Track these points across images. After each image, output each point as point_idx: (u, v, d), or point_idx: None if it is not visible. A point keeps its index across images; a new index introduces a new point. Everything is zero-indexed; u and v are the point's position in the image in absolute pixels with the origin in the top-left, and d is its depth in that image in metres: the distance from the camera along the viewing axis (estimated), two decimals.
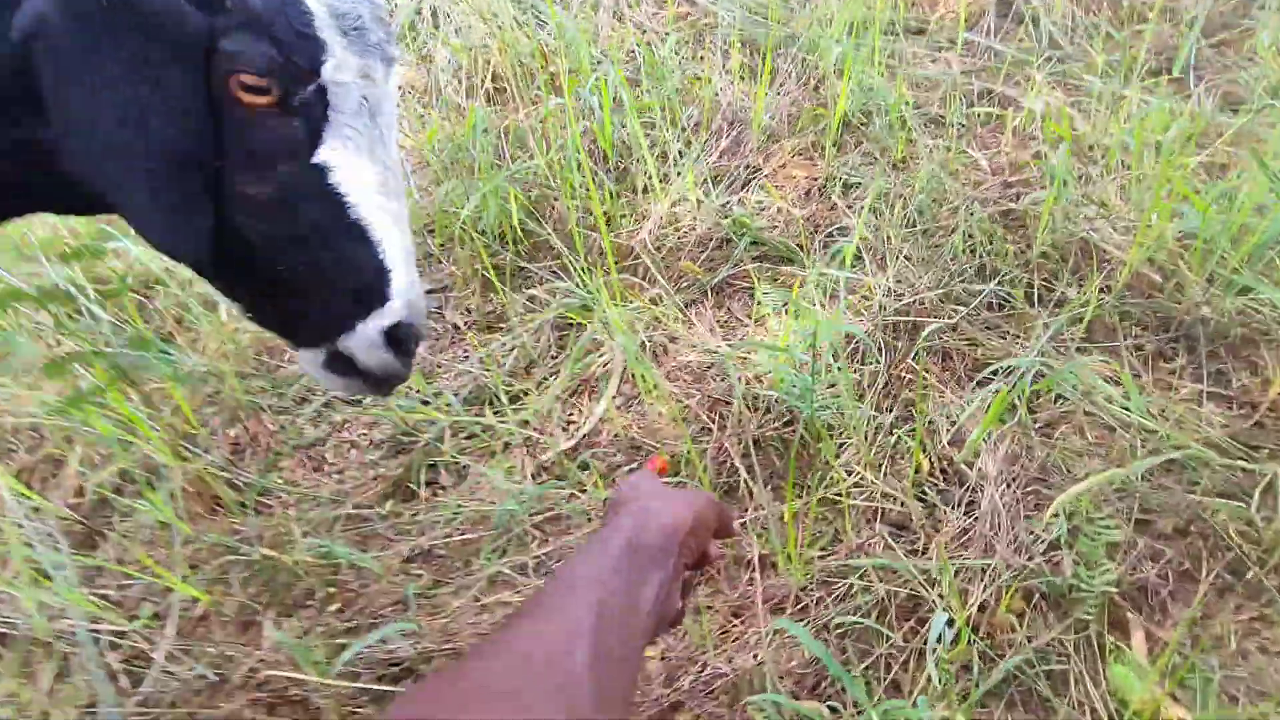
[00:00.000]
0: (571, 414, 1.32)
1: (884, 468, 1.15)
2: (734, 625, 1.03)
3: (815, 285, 1.36)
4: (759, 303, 1.39)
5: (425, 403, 1.36)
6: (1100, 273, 1.31)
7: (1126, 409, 1.15)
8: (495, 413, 1.33)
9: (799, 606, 1.03)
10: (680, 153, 1.65)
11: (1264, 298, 1.21)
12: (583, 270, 1.42)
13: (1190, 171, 1.40)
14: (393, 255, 0.60)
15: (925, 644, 0.95)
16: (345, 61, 0.58)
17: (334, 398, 1.43)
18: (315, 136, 0.57)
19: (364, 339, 0.63)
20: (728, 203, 1.59)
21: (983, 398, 1.19)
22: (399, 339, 0.64)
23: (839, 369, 1.21)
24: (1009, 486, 1.09)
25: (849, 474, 1.13)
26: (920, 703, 0.86)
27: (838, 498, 1.11)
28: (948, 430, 1.18)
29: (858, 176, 1.58)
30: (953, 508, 1.09)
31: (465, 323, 1.52)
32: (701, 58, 1.92)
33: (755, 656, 0.98)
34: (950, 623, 0.93)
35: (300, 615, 1.12)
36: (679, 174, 1.61)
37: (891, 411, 1.21)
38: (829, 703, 0.92)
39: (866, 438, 1.17)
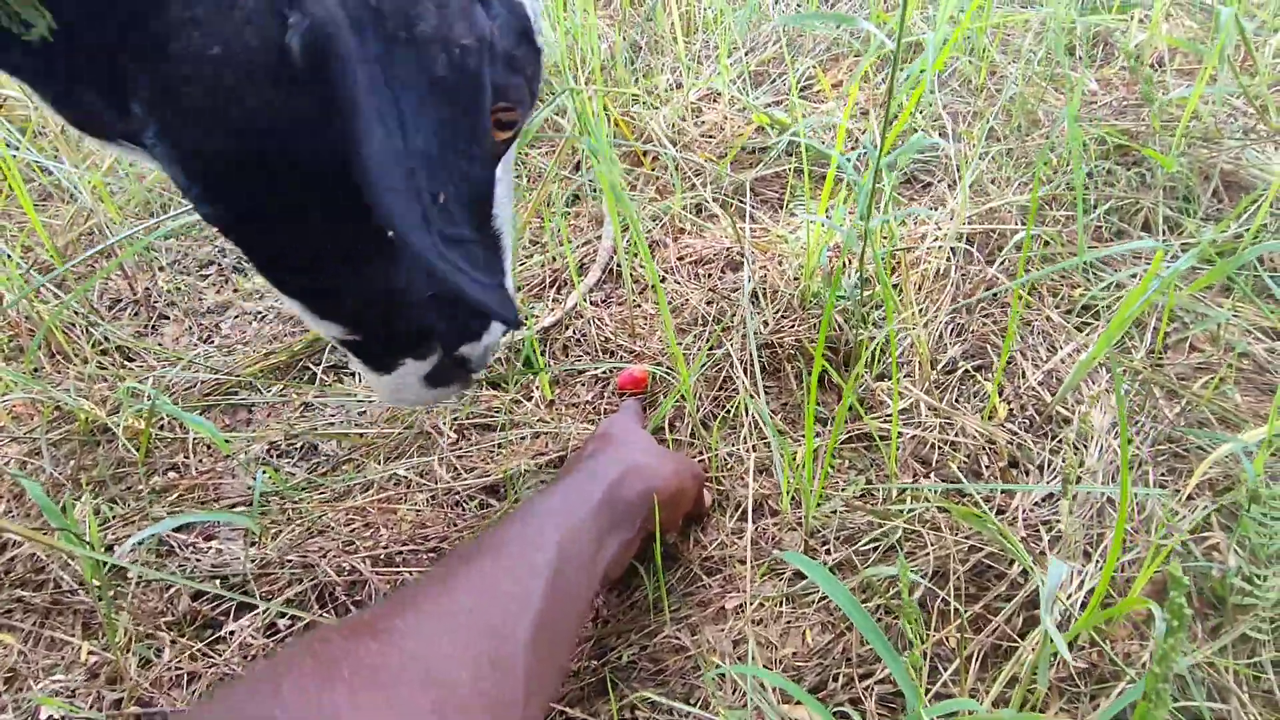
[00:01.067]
0: (538, 306, 1.01)
1: (944, 402, 0.82)
2: (702, 588, 0.70)
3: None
4: (790, 209, 1.08)
5: None
6: (1252, 204, 0.98)
7: None
8: None
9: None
10: (716, 50, 1.36)
11: None
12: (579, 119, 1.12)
13: None
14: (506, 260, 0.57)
15: (1002, 628, 0.62)
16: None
17: (243, 260, 1.14)
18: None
19: (494, 335, 0.61)
20: (770, 104, 1.30)
21: (1085, 338, 0.87)
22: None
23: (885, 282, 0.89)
24: (1130, 442, 0.76)
25: (895, 400, 0.80)
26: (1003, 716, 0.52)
27: (879, 429, 0.78)
28: (1036, 376, 0.85)
29: (940, 101, 1.28)
30: (1045, 463, 0.75)
31: None
32: None
33: (729, 631, 0.65)
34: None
35: (114, 490, 0.81)
36: (715, 71, 1.32)
37: (960, 345, 0.89)
38: (837, 708, 0.59)
39: (925, 363, 0.85)
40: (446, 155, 0.44)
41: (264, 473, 0.80)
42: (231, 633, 0.71)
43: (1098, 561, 0.66)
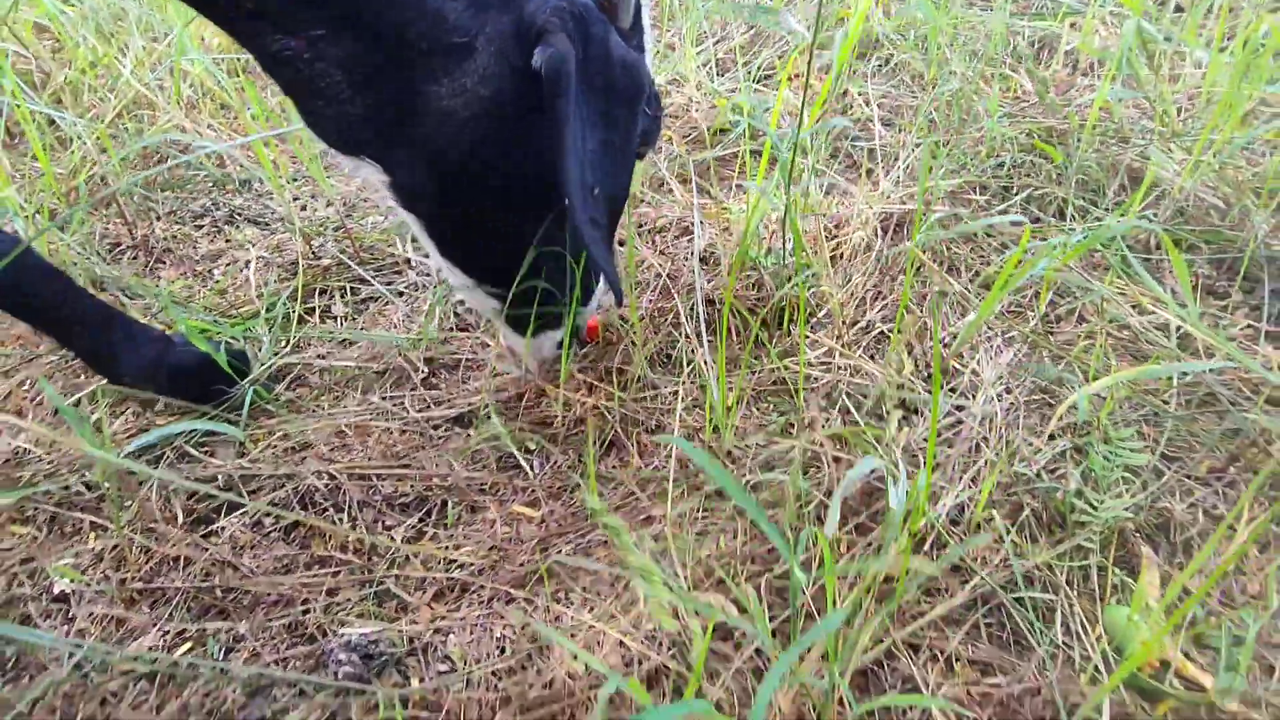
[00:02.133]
0: None
1: (856, 353, 0.93)
2: (634, 500, 0.81)
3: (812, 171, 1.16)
4: (743, 185, 1.19)
5: (340, 228, 1.17)
6: (1150, 196, 1.11)
7: (1163, 334, 0.93)
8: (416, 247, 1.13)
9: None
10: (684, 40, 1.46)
11: None
12: None
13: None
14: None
15: (874, 544, 0.73)
16: None
17: (235, 213, 1.24)
18: None
19: (592, 307, 0.88)
20: (733, 91, 1.40)
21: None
22: None
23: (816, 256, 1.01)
24: (1008, 393, 0.88)
25: (815, 345, 0.92)
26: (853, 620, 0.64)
27: (796, 368, 0.90)
28: (943, 339, 0.97)
29: (880, 90, 1.39)
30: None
31: None
32: None
33: (655, 534, 0.77)
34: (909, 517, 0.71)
35: (110, 401, 0.91)
36: (679, 56, 1.42)
37: (880, 310, 1.01)
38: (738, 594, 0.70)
39: (844, 321, 0.96)
40: (605, 164, 0.62)
41: (253, 390, 0.89)
42: (223, 528, 0.81)
43: (964, 485, 0.77)
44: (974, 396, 0.87)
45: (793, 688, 0.64)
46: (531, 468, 0.86)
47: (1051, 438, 0.83)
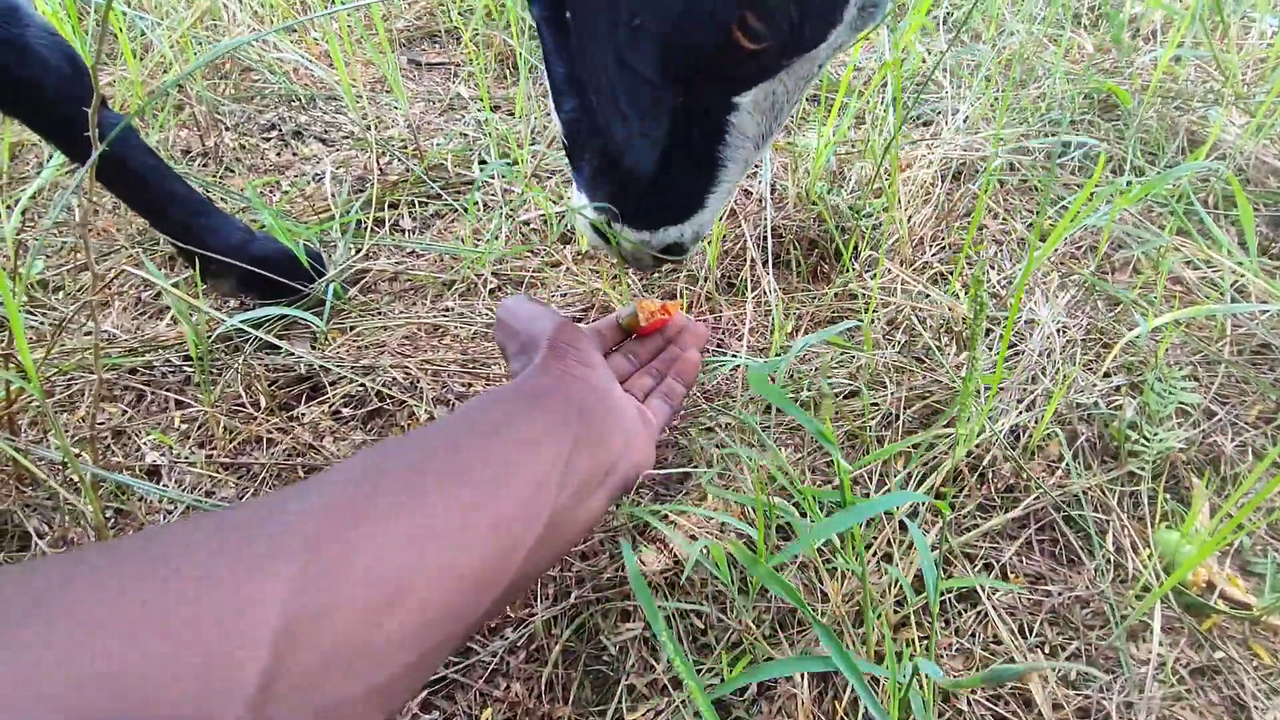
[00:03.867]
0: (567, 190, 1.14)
1: (919, 285, 0.96)
2: (700, 411, 0.84)
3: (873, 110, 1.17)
4: (807, 118, 1.20)
5: (406, 147, 1.19)
6: (1210, 156, 1.12)
7: (1216, 289, 0.95)
8: (483, 166, 1.15)
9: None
10: None
11: None
12: None
13: None
14: (716, 196, 0.59)
15: (931, 460, 0.76)
16: (838, 37, 0.51)
17: (302, 129, 1.25)
18: None
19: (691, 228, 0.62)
20: None
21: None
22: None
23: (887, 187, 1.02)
24: (1063, 331, 0.90)
25: (875, 272, 0.94)
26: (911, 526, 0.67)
27: (858, 299, 0.92)
28: (999, 281, 0.99)
29: (940, 46, 1.39)
30: (994, 343, 0.89)
31: (471, 95, 1.34)
32: None
33: (719, 442, 0.80)
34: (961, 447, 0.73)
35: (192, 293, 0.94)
36: None
37: (936, 251, 1.02)
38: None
39: (909, 253, 0.98)
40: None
41: (330, 289, 0.92)
42: (303, 414, 0.84)
43: (1023, 412, 0.80)
44: (1031, 335, 0.90)
45: (850, 581, 0.67)
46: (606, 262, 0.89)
47: (1107, 375, 0.85)
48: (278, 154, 1.22)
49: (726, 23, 0.46)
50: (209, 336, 0.85)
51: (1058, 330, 0.89)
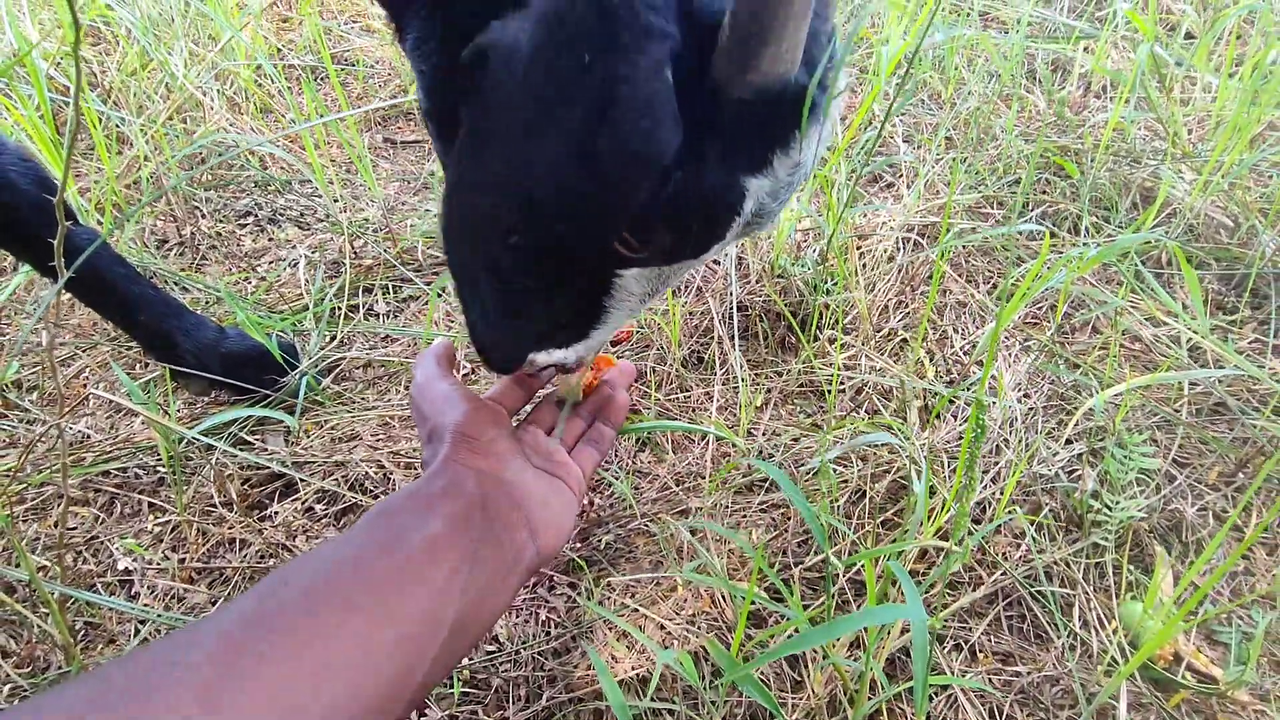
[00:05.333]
0: None
1: (881, 358, 0.97)
2: (669, 493, 0.85)
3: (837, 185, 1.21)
4: None
5: (380, 230, 1.21)
6: (1162, 214, 1.15)
7: (1174, 345, 0.97)
8: None
9: (754, 484, 0.85)
10: None
11: None
12: None
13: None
14: (601, 332, 0.58)
15: (901, 539, 0.77)
16: (722, 246, 0.52)
17: (278, 213, 1.28)
18: None
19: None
20: None
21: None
22: None
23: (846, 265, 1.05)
24: (1026, 398, 0.92)
25: (842, 348, 0.96)
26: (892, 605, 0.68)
27: (822, 372, 0.94)
28: (963, 347, 1.01)
29: (900, 109, 1.44)
30: (957, 413, 0.91)
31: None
32: None
33: (689, 524, 0.80)
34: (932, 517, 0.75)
35: (165, 392, 0.95)
36: None
37: (901, 318, 1.05)
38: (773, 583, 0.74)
39: (871, 327, 1.00)
40: (548, 214, 0.45)
41: (305, 380, 0.93)
42: (276, 513, 0.85)
43: (986, 484, 0.81)
44: (994, 402, 0.91)
45: (826, 670, 0.67)
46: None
47: (1069, 441, 0.87)
48: (254, 240, 1.24)
49: (606, 244, 0.47)
50: (179, 441, 0.86)
51: (1019, 398, 0.91)
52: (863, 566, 0.75)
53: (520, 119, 0.42)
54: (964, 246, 1.14)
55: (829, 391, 0.93)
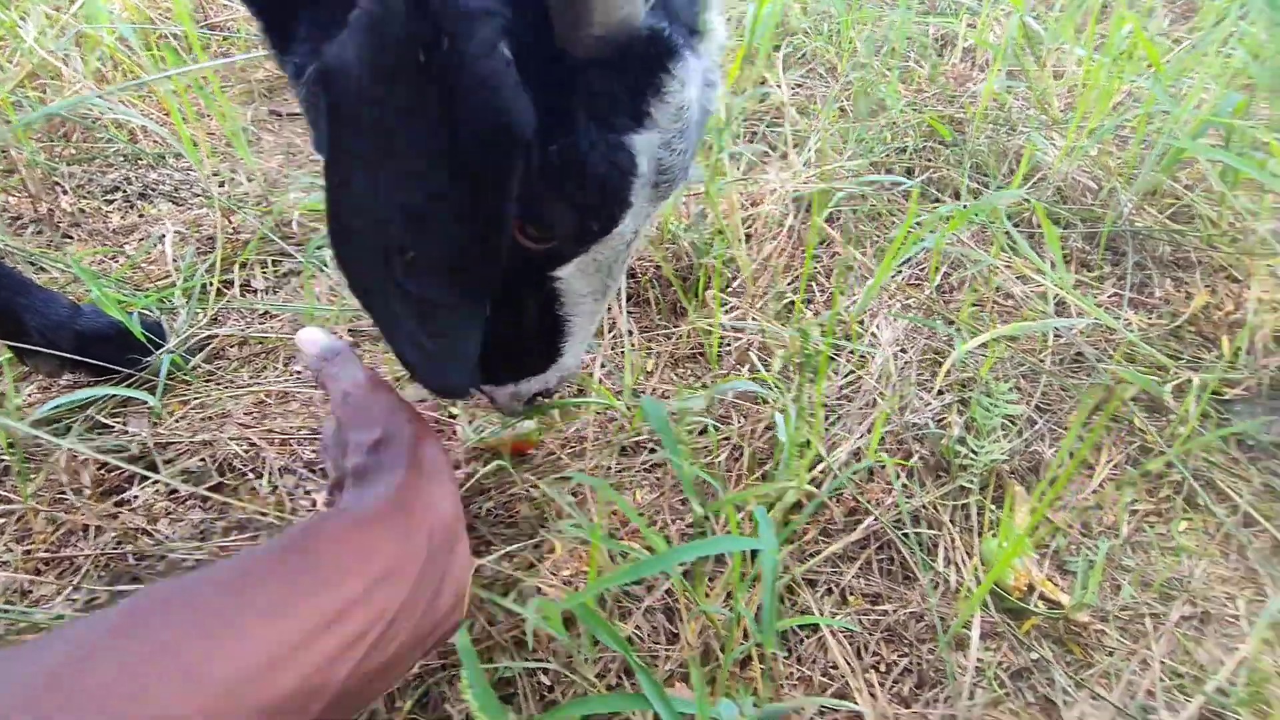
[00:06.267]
0: None
1: (767, 318, 0.99)
2: (554, 459, 0.85)
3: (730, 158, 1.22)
4: None
5: (261, 202, 1.16)
6: (1035, 179, 1.21)
7: (1042, 301, 1.03)
8: None
9: (639, 445, 0.86)
10: None
11: (1196, 232, 1.12)
12: None
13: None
14: (571, 345, 0.59)
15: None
16: (638, 213, 0.51)
17: (150, 188, 1.21)
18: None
19: (553, 376, 0.62)
20: None
21: (890, 279, 1.06)
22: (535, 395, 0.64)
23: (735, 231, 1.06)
24: (904, 353, 0.95)
25: (730, 310, 0.97)
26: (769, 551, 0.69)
27: (708, 328, 0.95)
28: (847, 307, 1.04)
29: (794, 78, 1.46)
30: (839, 366, 0.93)
31: None
32: None
33: (572, 489, 0.80)
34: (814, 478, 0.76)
35: (14, 376, 0.88)
36: None
37: (790, 281, 1.07)
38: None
39: (757, 290, 1.02)
40: (431, 222, 0.44)
41: (169, 361, 0.89)
42: (136, 496, 0.80)
43: (861, 435, 0.84)
44: (872, 357, 0.94)
45: (699, 620, 0.68)
46: (455, 431, 0.88)
47: (940, 393, 0.90)
48: (122, 216, 1.17)
49: (499, 237, 0.45)
50: (26, 422, 0.80)
51: (895, 354, 0.94)
52: (745, 516, 0.76)
53: (371, 134, 0.41)
54: (854, 213, 1.17)
55: (716, 353, 0.94)
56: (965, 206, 1.12)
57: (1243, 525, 0.81)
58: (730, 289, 1.05)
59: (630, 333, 0.96)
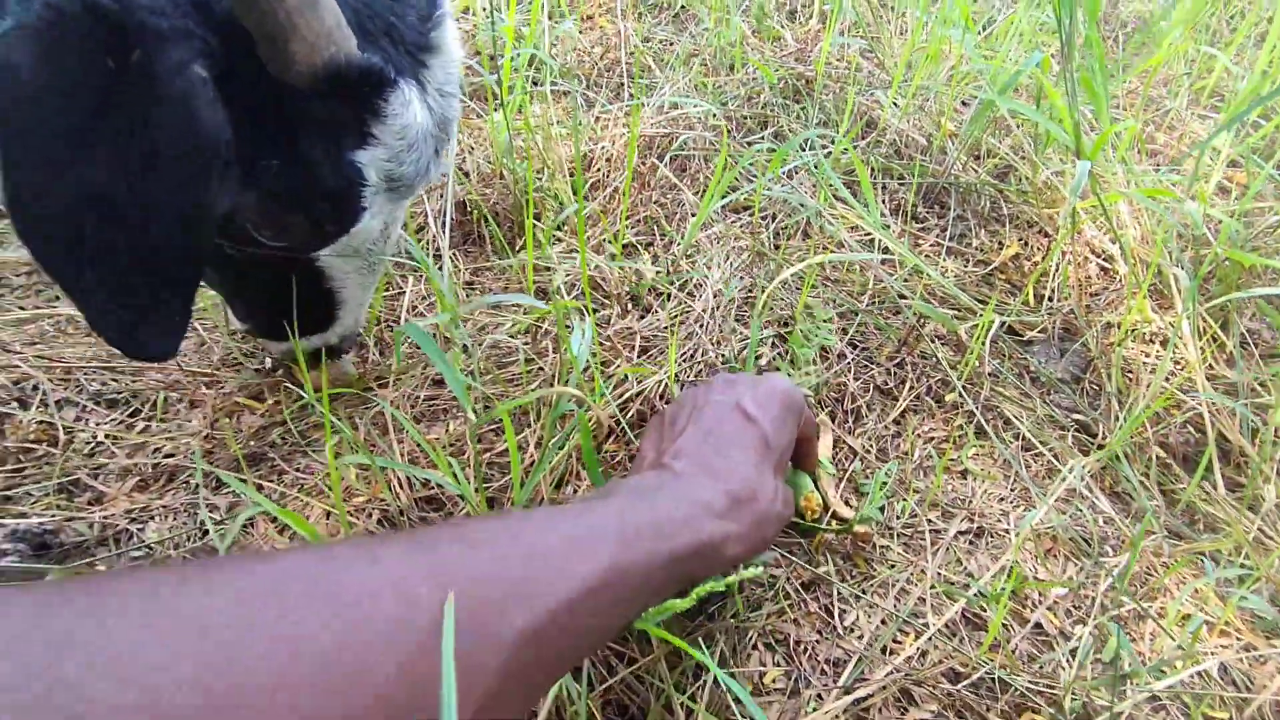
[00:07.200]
0: None
1: (602, 257, 0.99)
2: (369, 391, 0.82)
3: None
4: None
5: None
6: (874, 133, 1.25)
7: (870, 246, 1.07)
8: None
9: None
10: None
11: (1014, 188, 1.19)
12: None
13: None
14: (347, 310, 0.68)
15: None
16: (378, 212, 0.58)
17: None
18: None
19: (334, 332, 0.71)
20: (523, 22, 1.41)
21: (726, 226, 1.08)
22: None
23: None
24: (721, 292, 0.97)
25: (560, 245, 0.96)
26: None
27: (544, 275, 0.94)
28: (684, 249, 1.05)
29: (664, 35, 1.46)
30: (666, 300, 0.95)
31: None
32: None
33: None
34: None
35: None
36: None
37: (635, 225, 1.07)
38: None
39: (596, 224, 1.01)
40: (132, 210, 0.45)
41: None
42: None
43: (683, 366, 0.85)
44: (698, 296, 0.96)
45: None
46: (262, 363, 0.84)
47: (762, 328, 0.92)
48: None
49: (203, 238, 0.50)
50: None
51: (716, 291, 0.96)
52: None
53: (52, 133, 0.42)
54: (707, 161, 1.18)
55: (549, 291, 0.94)
56: (809, 160, 1.16)
57: (1023, 450, 0.88)
58: (567, 227, 1.04)
59: (460, 270, 0.94)
